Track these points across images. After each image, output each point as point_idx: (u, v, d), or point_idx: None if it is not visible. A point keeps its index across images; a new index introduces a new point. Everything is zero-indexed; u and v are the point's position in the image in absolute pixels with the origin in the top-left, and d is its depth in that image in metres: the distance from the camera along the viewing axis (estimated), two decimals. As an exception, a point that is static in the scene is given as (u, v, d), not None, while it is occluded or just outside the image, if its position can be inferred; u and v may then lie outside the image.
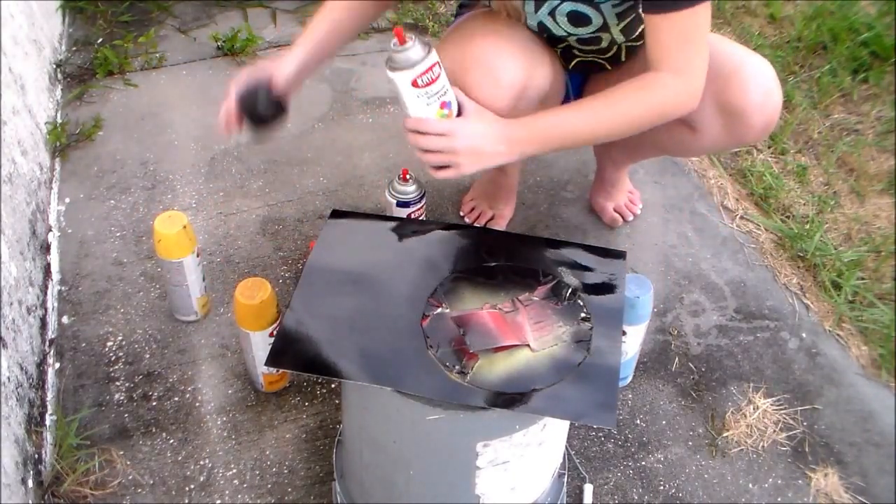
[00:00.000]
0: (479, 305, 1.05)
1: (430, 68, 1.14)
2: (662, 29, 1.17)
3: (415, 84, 1.14)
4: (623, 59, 1.43)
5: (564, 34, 1.34)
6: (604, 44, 1.37)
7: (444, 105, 1.18)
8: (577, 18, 1.30)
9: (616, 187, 1.76)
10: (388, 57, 1.15)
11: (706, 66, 1.21)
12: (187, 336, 1.52)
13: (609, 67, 1.47)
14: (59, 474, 1.28)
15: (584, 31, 1.33)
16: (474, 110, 1.23)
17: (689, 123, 1.35)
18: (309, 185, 1.85)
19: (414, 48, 1.12)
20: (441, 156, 1.21)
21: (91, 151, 1.91)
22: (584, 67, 1.48)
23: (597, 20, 1.29)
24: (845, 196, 1.95)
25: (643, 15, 1.20)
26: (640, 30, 1.36)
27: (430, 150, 1.21)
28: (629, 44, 1.38)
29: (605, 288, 1.10)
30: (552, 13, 1.30)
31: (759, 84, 1.27)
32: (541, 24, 1.33)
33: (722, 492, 1.34)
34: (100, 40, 2.24)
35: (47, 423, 1.35)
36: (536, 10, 1.31)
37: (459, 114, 1.22)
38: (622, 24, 1.31)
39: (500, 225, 1.75)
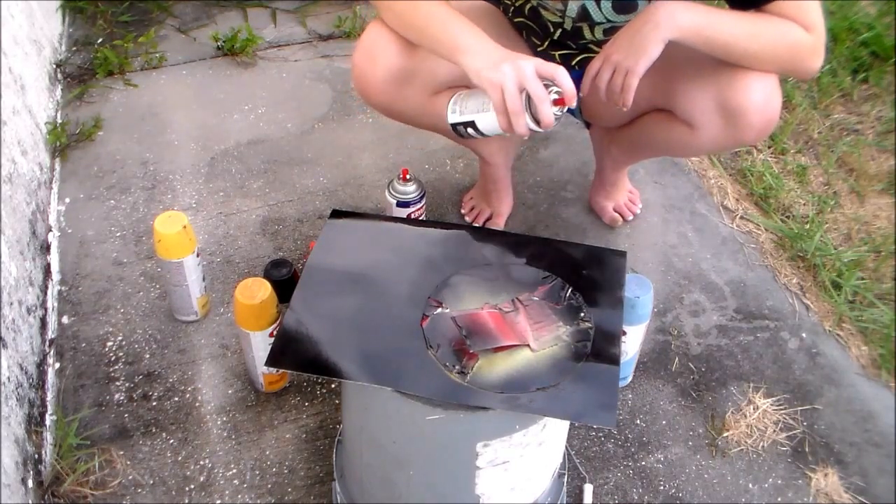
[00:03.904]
0: (479, 305, 1.05)
1: None
2: None
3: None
4: None
5: (602, 21, 1.34)
6: None
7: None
8: (623, 7, 1.31)
9: (616, 187, 1.76)
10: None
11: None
12: (187, 336, 1.52)
13: None
14: (59, 474, 1.28)
15: (622, 19, 1.33)
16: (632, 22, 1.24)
17: (689, 121, 1.36)
18: (309, 185, 1.85)
19: None
20: (618, 77, 1.25)
21: (91, 151, 1.91)
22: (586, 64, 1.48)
23: (641, 7, 1.30)
24: (845, 196, 1.95)
25: None
26: None
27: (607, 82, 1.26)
28: None
29: (606, 288, 1.10)
30: None
31: (761, 85, 1.28)
32: (583, 8, 1.33)
33: (722, 492, 1.34)
34: (100, 40, 2.24)
35: (47, 423, 1.35)
36: None
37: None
38: None
39: (499, 223, 1.75)
